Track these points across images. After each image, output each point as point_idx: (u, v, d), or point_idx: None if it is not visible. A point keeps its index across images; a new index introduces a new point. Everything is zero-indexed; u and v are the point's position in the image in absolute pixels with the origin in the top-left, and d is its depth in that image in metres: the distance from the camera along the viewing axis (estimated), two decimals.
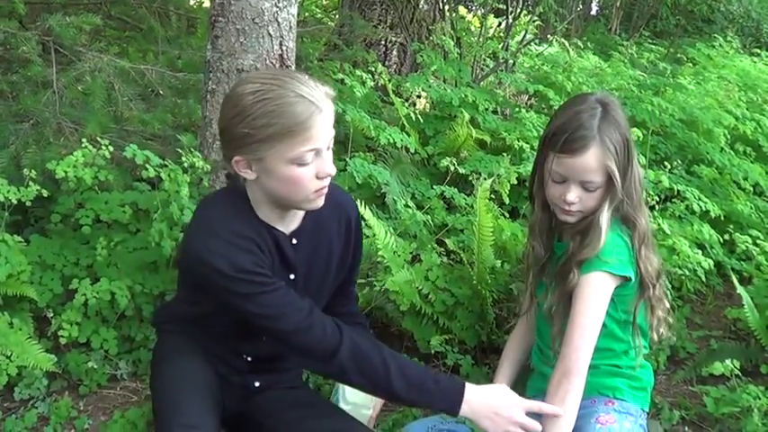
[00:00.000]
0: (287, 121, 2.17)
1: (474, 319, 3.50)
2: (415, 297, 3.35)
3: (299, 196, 2.31)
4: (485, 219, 3.45)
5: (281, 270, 2.46)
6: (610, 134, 2.51)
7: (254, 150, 2.22)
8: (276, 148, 2.20)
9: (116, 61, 3.80)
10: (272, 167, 2.25)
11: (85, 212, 3.35)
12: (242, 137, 2.21)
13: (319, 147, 2.24)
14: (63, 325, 3.15)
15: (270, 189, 2.32)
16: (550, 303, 2.68)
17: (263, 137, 2.19)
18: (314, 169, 2.26)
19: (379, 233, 3.44)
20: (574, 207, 2.58)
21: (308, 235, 2.51)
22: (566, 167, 2.55)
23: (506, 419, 2.37)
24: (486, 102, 4.99)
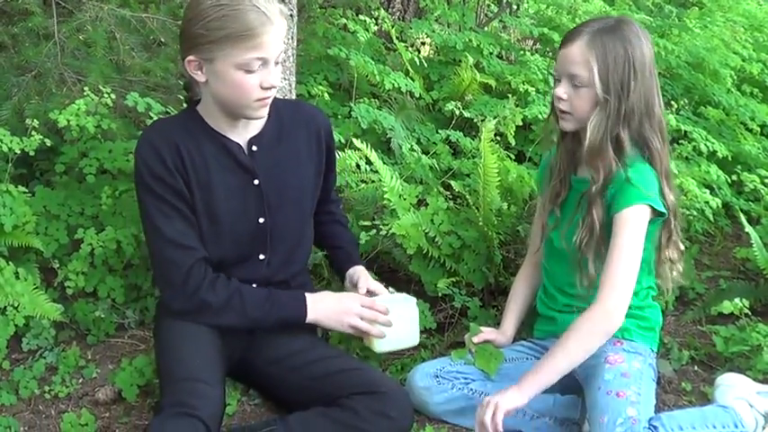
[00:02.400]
0: (239, 26, 2.32)
1: (481, 262, 3.46)
2: (422, 240, 3.32)
3: (242, 101, 2.44)
4: (489, 160, 3.40)
5: (241, 175, 2.59)
6: (607, 40, 2.54)
7: (206, 51, 2.37)
8: (226, 51, 2.35)
9: (117, 10, 3.73)
10: (220, 70, 2.39)
11: (89, 162, 3.30)
12: (196, 36, 2.37)
13: (266, 56, 2.38)
14: (69, 275, 3.13)
15: (217, 93, 2.46)
16: (580, 239, 2.65)
17: (216, 38, 2.34)
18: (259, 78, 2.40)
19: (385, 177, 3.39)
20: (563, 105, 2.62)
21: (271, 141, 2.62)
22: (558, 61, 2.65)
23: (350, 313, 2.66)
24: (490, 46, 4.92)
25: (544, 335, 2.89)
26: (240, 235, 2.64)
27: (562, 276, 2.78)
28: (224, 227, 2.60)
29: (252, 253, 2.68)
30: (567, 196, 2.78)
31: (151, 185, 2.50)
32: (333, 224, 3.04)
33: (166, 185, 2.50)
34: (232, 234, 2.62)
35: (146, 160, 2.50)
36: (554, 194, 2.80)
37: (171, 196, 2.51)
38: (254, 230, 2.65)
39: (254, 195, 2.62)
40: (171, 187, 2.51)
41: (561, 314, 2.80)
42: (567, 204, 2.78)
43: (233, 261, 2.65)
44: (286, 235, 2.72)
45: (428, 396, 2.76)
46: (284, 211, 2.68)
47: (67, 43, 3.71)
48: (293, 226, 2.74)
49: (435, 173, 3.90)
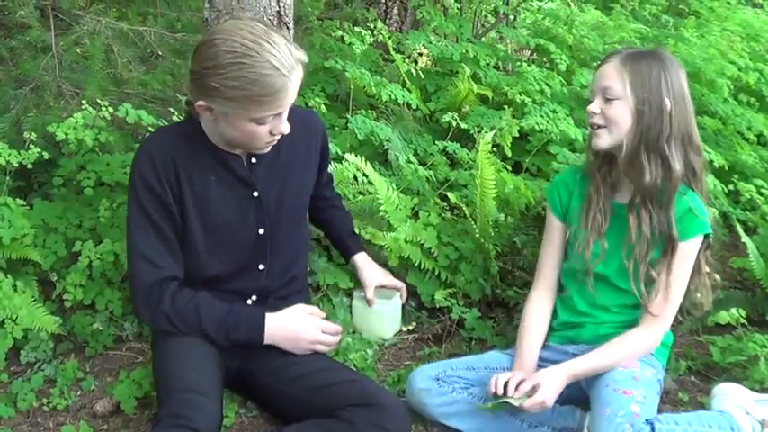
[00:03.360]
0: (259, 91, 2.32)
1: (478, 273, 3.48)
2: (418, 252, 3.34)
3: (249, 146, 2.51)
4: (486, 172, 3.41)
5: (240, 188, 2.61)
6: (641, 59, 2.62)
7: (221, 104, 2.37)
8: (242, 109, 2.36)
9: (114, 24, 3.76)
10: (232, 121, 2.41)
11: (87, 175, 3.32)
12: (213, 89, 2.34)
13: (282, 111, 2.41)
14: (67, 288, 3.15)
15: (224, 132, 2.48)
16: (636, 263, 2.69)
17: (233, 96, 2.33)
18: (270, 127, 2.43)
19: (380, 189, 3.42)
20: (596, 119, 2.66)
21: (270, 154, 2.62)
22: (593, 81, 2.71)
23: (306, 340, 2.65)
24: (487, 57, 4.93)
25: (561, 341, 2.89)
26: (239, 246, 2.65)
27: (605, 298, 2.80)
28: (222, 238, 2.62)
29: (251, 263, 2.69)
30: (609, 226, 2.77)
31: (140, 196, 2.53)
32: (328, 210, 3.15)
33: (154, 199, 2.52)
34: (231, 245, 2.64)
35: (140, 170, 2.53)
36: (596, 226, 2.77)
37: (155, 211, 2.53)
38: (254, 241, 2.67)
39: (254, 207, 2.64)
40: (159, 202, 2.53)
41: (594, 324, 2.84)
42: (610, 233, 2.77)
43: (232, 272, 2.66)
44: (285, 244, 2.73)
45: (427, 398, 2.77)
46: (283, 221, 2.71)
47: (65, 56, 3.74)
48: (292, 234, 2.77)
49: (432, 184, 3.92)
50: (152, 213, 2.53)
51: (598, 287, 2.78)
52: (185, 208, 2.56)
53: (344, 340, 3.08)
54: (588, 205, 2.79)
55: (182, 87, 4.08)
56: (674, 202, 2.63)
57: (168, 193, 2.53)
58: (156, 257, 2.55)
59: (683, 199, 2.64)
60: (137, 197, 2.53)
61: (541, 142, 4.27)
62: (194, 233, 2.59)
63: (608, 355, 2.66)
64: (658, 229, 2.65)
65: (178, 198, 2.55)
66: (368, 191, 3.62)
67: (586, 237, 2.77)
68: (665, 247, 2.66)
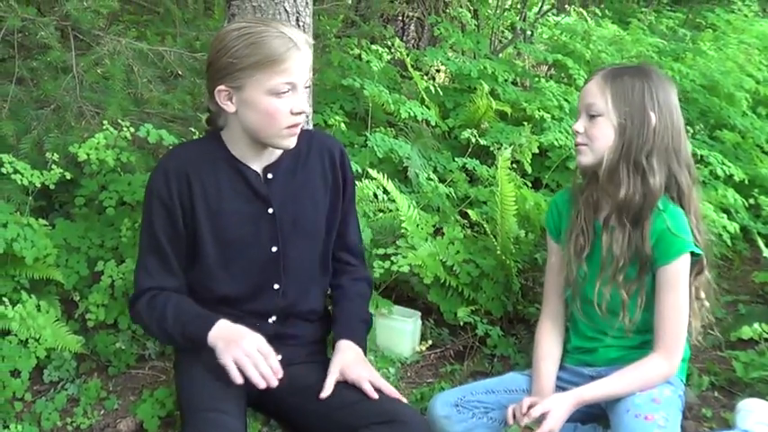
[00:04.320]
0: (267, 52, 2.36)
1: (499, 290, 3.49)
2: (440, 270, 3.35)
3: (272, 129, 2.46)
4: (506, 188, 3.42)
5: (256, 203, 2.59)
6: (624, 74, 2.58)
7: (236, 79, 2.41)
8: (256, 77, 2.38)
9: (134, 44, 3.77)
10: (250, 97, 2.42)
11: (109, 194, 3.34)
12: (225, 66, 2.40)
13: (294, 81, 2.41)
14: (90, 307, 3.17)
15: (247, 122, 2.48)
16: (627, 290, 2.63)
17: (245, 65, 2.38)
18: (288, 104, 2.42)
19: (401, 206, 3.43)
20: (580, 138, 2.62)
21: (287, 170, 2.62)
22: (579, 99, 2.67)
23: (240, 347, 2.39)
24: (505, 73, 4.94)
25: (577, 363, 2.87)
26: (252, 262, 2.62)
27: (603, 322, 2.74)
28: (235, 253, 2.60)
29: (265, 282, 2.65)
30: (592, 248, 2.71)
31: (151, 209, 2.54)
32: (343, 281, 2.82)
33: (163, 213, 2.53)
34: (243, 261, 2.61)
35: (153, 184, 2.55)
36: (578, 249, 2.72)
37: (160, 228, 2.54)
38: (267, 259, 2.63)
39: (268, 223, 2.61)
40: (167, 217, 2.53)
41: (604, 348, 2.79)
42: (593, 256, 2.71)
43: (246, 291, 2.64)
44: (299, 265, 2.68)
45: (449, 425, 2.75)
46: (298, 241, 2.66)
47: (86, 77, 3.76)
48: (307, 257, 2.71)
49: (452, 201, 3.92)
50: (157, 229, 2.54)
51: (590, 312, 2.72)
52: (198, 222, 2.55)
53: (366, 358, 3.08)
54: (572, 227, 2.75)
55: (202, 106, 4.11)
56: (651, 219, 2.56)
57: (178, 209, 2.53)
58: (154, 269, 2.56)
59: (660, 217, 2.55)
60: (148, 210, 2.56)
61: (561, 158, 4.29)
62: (207, 247, 2.57)
63: (620, 383, 2.59)
64: (634, 248, 2.58)
65: (190, 213, 2.54)
66: (388, 208, 3.63)
67: (570, 260, 2.73)
68: (640, 267, 2.59)
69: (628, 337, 2.69)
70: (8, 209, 3.13)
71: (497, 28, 5.93)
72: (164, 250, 2.55)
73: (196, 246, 2.58)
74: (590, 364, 2.76)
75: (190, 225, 2.55)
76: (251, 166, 2.57)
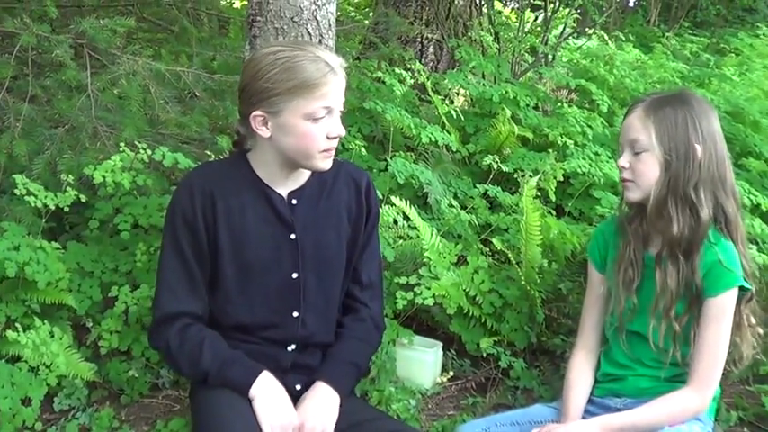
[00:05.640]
0: (305, 77, 2.38)
1: (523, 321, 3.47)
2: (462, 299, 3.33)
3: (309, 152, 2.46)
4: (532, 217, 3.41)
5: (279, 227, 2.58)
6: (666, 105, 2.55)
7: (273, 104, 2.42)
8: (294, 102, 2.39)
9: (151, 64, 3.77)
10: (287, 122, 2.43)
11: (124, 218, 3.33)
12: (262, 91, 2.42)
13: (331, 105, 2.43)
14: (103, 334, 3.15)
15: (282, 146, 2.48)
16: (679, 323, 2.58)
17: (282, 90, 2.39)
18: (325, 128, 2.43)
19: (424, 233, 3.41)
20: (625, 173, 2.59)
21: (311, 197, 2.63)
22: (620, 135, 2.64)
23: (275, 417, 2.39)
24: (526, 97, 4.94)
25: (604, 393, 2.85)
26: (271, 288, 2.60)
27: (640, 352, 2.70)
28: (254, 277, 2.58)
29: (285, 309, 2.63)
30: (642, 280, 2.68)
31: (175, 227, 2.53)
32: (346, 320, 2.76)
33: (188, 231, 2.52)
34: (262, 285, 2.59)
35: (179, 200, 2.54)
36: (627, 281, 2.69)
37: (188, 245, 2.53)
38: (287, 285, 2.61)
39: (290, 249, 2.60)
40: (192, 235, 2.52)
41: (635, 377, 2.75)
42: (643, 288, 2.69)
43: (266, 318, 2.61)
44: (320, 293, 2.67)
45: None
46: (319, 269, 2.65)
47: (101, 97, 3.76)
48: (328, 285, 2.69)
49: (474, 228, 3.90)
50: (184, 246, 2.53)
51: (633, 342, 2.70)
52: (219, 242, 2.54)
53: (387, 389, 3.06)
54: (620, 259, 2.72)
55: (219, 128, 4.11)
56: (701, 251, 2.53)
57: (201, 227, 2.52)
58: (179, 290, 2.54)
59: (711, 249, 2.53)
60: (172, 227, 2.54)
61: (584, 185, 4.27)
62: (226, 270, 2.56)
63: (648, 414, 2.56)
64: (684, 282, 2.55)
65: (212, 232, 2.54)
66: (408, 235, 3.62)
67: (618, 292, 2.70)
68: (690, 300, 2.56)
69: (662, 368, 2.65)
70: (20, 231, 3.11)
71: (518, 52, 5.92)
72: (191, 270, 2.54)
73: (216, 269, 2.57)
74: (618, 394, 2.72)
75: (211, 244, 2.55)
76: (276, 189, 2.57)
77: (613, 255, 2.74)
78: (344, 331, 2.72)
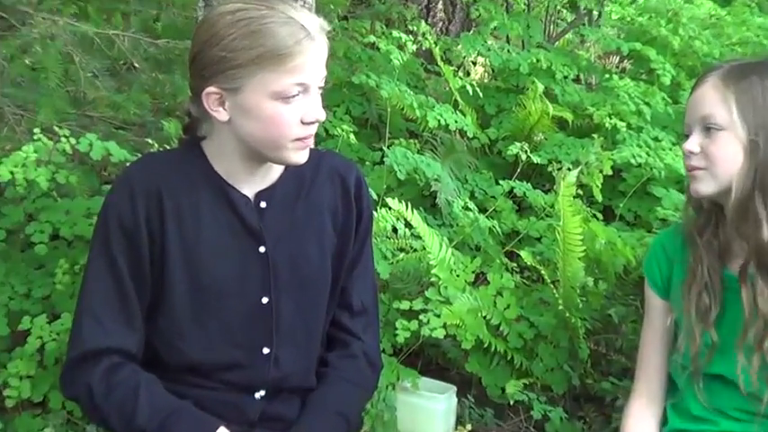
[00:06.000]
0: (273, 44, 2.30)
1: (562, 358, 3.47)
2: (482, 330, 3.32)
3: (278, 141, 2.40)
4: (571, 223, 3.40)
5: (244, 238, 2.53)
6: (749, 73, 2.48)
7: (232, 78, 2.34)
8: (258, 77, 2.32)
9: (74, 25, 3.76)
10: (250, 102, 2.36)
11: (39, 227, 3.27)
12: (217, 61, 2.33)
13: (308, 82, 2.35)
14: (10, 380, 3.11)
15: (244, 133, 2.41)
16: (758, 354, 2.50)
17: (244, 61, 2.31)
18: (299, 111, 2.36)
19: (431, 245, 3.40)
20: (695, 160, 2.50)
21: (285, 198, 2.58)
22: (687, 112, 2.57)
23: None
24: (564, 67, 4.95)
25: None
26: (235, 316, 2.54)
27: (722, 400, 2.64)
28: (213, 303, 2.52)
29: (252, 344, 2.57)
30: (722, 308, 2.61)
31: (108, 235, 2.46)
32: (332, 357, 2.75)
33: (125, 241, 2.45)
34: (223, 314, 2.53)
35: (115, 203, 2.47)
36: (702, 310, 2.61)
37: (123, 258, 2.46)
38: (255, 312, 2.55)
39: (259, 266, 2.54)
40: (130, 247, 2.46)
41: None
42: (724, 318, 2.62)
43: (228, 356, 2.58)
44: (298, 323, 2.62)
45: None
46: (296, 291, 2.60)
47: (9, 68, 3.74)
48: (307, 312, 2.64)
49: (496, 238, 3.90)
50: (118, 261, 2.45)
51: (713, 389, 2.63)
52: (166, 258, 2.48)
53: None
54: (691, 281, 2.64)
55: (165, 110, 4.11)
56: None
57: (144, 237, 2.45)
58: (107, 319, 2.47)
59: None
60: (104, 236, 2.46)
61: (639, 180, 4.29)
62: (176, 293, 2.50)
63: None
64: None
65: (158, 243, 2.48)
66: (411, 246, 3.61)
67: (691, 324, 2.62)
68: None
69: (754, 421, 2.58)
70: None
71: (553, 8, 5.93)
72: (125, 293, 2.48)
73: (162, 290, 2.50)
74: None
75: (157, 261, 2.49)
76: (240, 189, 2.52)
77: (681, 275, 2.67)
78: (330, 371, 2.67)
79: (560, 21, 6.14)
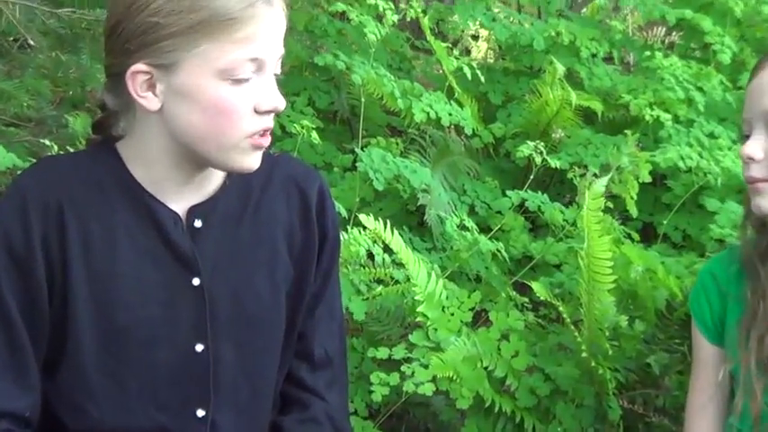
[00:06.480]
0: (220, 5, 2.23)
1: (586, 420, 3.53)
2: (483, 385, 3.38)
3: (225, 137, 2.34)
4: (597, 245, 3.45)
5: (173, 267, 2.51)
6: None
7: (166, 51, 2.28)
8: (200, 49, 2.26)
9: None
10: (189, 83, 2.30)
11: None
12: (146, 30, 2.28)
13: (262, 57, 2.30)
14: None
15: (180, 126, 2.37)
16: None
17: (181, 28, 2.25)
18: (253, 95, 2.32)
19: (417, 276, 3.44)
20: (755, 169, 2.52)
21: (226, 217, 2.55)
22: (746, 106, 2.57)
23: None
24: (593, 43, 5.03)
25: None
26: (159, 369, 2.54)
27: None
28: (132, 351, 2.51)
29: (182, 406, 2.57)
30: None
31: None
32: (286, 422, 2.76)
33: (14, 270, 2.42)
34: (144, 364, 2.53)
35: (4, 224, 2.42)
36: (765, 361, 2.62)
37: (12, 299, 2.41)
38: (186, 364, 2.56)
39: (192, 304, 2.52)
40: (23, 282, 2.42)
41: None
42: None
43: (152, 421, 2.56)
44: (242, 377, 2.64)
45: None
46: (241, 337, 2.59)
47: None
48: (254, 364, 2.65)
49: (502, 265, 3.98)
50: (7, 300, 2.41)
51: None
52: (70, 294, 2.45)
53: None
54: (750, 321, 2.67)
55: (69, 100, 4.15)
56: None
57: (40, 267, 2.42)
58: None
59: None
60: None
61: (689, 190, 4.35)
62: (82, 341, 2.47)
63: None
64: None
65: (59, 275, 2.44)
66: (392, 277, 3.67)
67: (750, 378, 2.64)
68: None
69: None
70: None
71: None
72: (17, 341, 2.44)
73: (65, 336, 2.47)
74: None
75: (56, 297, 2.44)
76: (168, 203, 2.49)
77: (737, 313, 2.71)
78: None
79: None
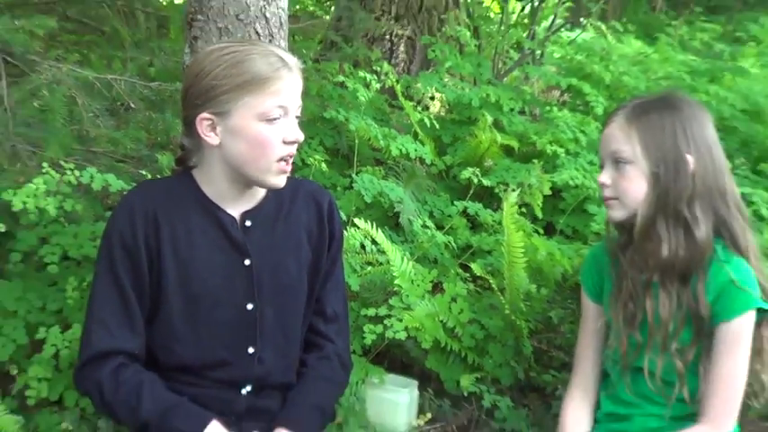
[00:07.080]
0: (256, 71, 2.42)
1: (509, 354, 3.55)
2: (439, 332, 3.41)
3: (262, 161, 2.48)
4: (514, 237, 3.50)
5: (231, 253, 2.61)
6: (651, 110, 2.57)
7: (221, 103, 2.45)
8: (244, 100, 2.43)
9: (77, 71, 3.78)
10: (238, 124, 2.46)
11: (51, 249, 3.36)
12: (208, 90, 2.44)
13: (287, 105, 2.46)
14: (30, 382, 3.16)
15: (233, 155, 2.50)
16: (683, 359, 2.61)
17: (231, 86, 2.43)
18: (281, 131, 2.46)
19: (393, 259, 3.49)
20: (607, 191, 2.60)
21: (267, 218, 2.66)
22: (600, 147, 2.65)
23: None
24: (511, 101, 5.03)
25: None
26: (223, 321, 2.63)
27: (647, 388, 2.70)
28: (204, 310, 2.60)
29: (238, 346, 2.65)
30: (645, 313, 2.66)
31: (112, 253, 2.54)
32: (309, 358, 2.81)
33: (127, 258, 2.53)
34: (213, 321, 2.62)
35: (116, 223, 2.55)
36: (628, 316, 2.68)
37: (125, 273, 2.53)
38: (240, 318, 2.64)
39: (244, 277, 2.62)
40: (131, 262, 2.53)
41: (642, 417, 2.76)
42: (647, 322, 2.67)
43: (217, 356, 2.63)
44: (279, 327, 2.70)
45: None
46: (277, 299, 2.68)
47: (20, 110, 3.76)
48: (287, 318, 2.72)
49: (451, 251, 3.99)
50: (121, 274, 2.53)
51: (639, 378, 2.70)
52: (163, 272, 2.56)
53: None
54: (618, 292, 2.72)
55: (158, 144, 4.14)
56: (709, 273, 2.54)
57: (143, 253, 2.54)
58: (114, 325, 2.54)
59: (722, 269, 2.51)
60: (108, 252, 2.54)
61: (577, 200, 4.37)
62: (171, 303, 2.58)
63: None
64: (685, 310, 2.57)
65: (156, 259, 2.55)
66: (377, 260, 3.69)
67: (619, 328, 2.71)
68: (697, 329, 2.57)
69: (674, 407, 2.66)
70: None
71: (501, 48, 6.00)
72: (128, 303, 2.55)
73: (159, 300, 2.58)
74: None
75: (154, 274, 2.56)
76: (227, 210, 2.61)
77: (610, 285, 2.76)
78: (308, 371, 2.74)
79: (507, 60, 6.21)
